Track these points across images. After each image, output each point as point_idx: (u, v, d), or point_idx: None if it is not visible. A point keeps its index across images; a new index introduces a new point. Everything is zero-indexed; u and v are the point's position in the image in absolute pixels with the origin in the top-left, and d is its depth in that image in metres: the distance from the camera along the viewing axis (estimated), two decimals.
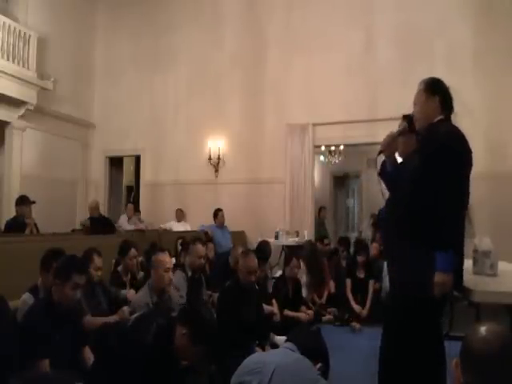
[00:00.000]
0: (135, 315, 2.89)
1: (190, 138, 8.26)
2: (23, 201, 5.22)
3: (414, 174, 2.16)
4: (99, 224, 6.17)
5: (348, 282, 5.28)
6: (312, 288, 5.39)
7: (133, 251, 3.98)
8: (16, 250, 3.71)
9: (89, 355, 2.55)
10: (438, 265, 1.99)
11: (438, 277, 1.99)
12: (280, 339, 3.51)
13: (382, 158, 2.45)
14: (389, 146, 2.37)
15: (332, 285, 5.57)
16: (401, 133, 2.38)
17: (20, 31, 7.06)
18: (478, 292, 2.09)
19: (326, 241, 6.46)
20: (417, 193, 2.11)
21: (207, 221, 7.08)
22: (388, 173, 2.40)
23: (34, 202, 5.34)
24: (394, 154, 2.38)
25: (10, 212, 6.03)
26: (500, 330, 1.12)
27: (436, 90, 2.26)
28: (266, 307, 3.88)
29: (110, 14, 9.11)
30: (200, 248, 4.03)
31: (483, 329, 1.12)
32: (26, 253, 3.53)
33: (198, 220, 7.46)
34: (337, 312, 5.15)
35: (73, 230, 6.70)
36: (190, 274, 3.99)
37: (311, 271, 5.43)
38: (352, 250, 6.22)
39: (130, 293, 3.68)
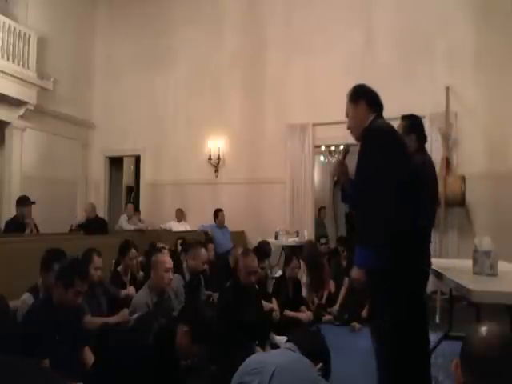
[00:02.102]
0: (135, 315, 2.90)
1: (190, 138, 8.26)
2: (22, 201, 5.22)
3: (361, 175, 2.23)
4: (93, 225, 6.29)
5: (346, 281, 5.27)
6: (312, 288, 5.38)
7: (133, 251, 3.98)
8: (16, 250, 3.71)
9: (89, 355, 2.55)
10: (355, 259, 2.10)
11: (354, 272, 2.11)
12: (280, 339, 3.51)
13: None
14: (340, 171, 2.45)
15: (332, 285, 5.57)
16: (344, 156, 2.48)
17: (20, 31, 7.06)
18: (477, 292, 2.09)
19: (322, 240, 6.45)
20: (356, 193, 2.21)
21: (207, 221, 7.08)
22: (349, 195, 2.44)
23: (33, 203, 5.34)
24: (347, 176, 2.43)
25: (10, 212, 6.02)
26: (500, 330, 1.12)
27: (359, 96, 2.34)
28: (265, 304, 3.88)
29: (109, 13, 9.11)
30: (204, 253, 4.08)
31: (483, 329, 1.12)
32: (26, 253, 3.53)
33: (197, 220, 7.46)
34: (337, 312, 5.15)
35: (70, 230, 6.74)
36: (188, 277, 3.98)
37: (311, 271, 5.42)
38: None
39: (130, 290, 3.69)
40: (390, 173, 2.04)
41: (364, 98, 2.32)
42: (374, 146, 2.15)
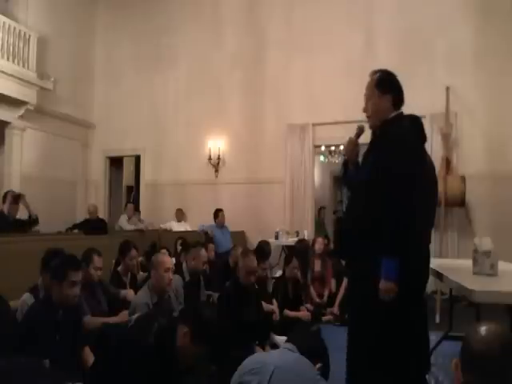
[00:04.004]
0: (135, 316, 2.89)
1: (190, 138, 8.26)
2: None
3: (369, 173, 2.14)
4: (92, 225, 6.42)
5: (345, 281, 5.25)
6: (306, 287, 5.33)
7: (133, 252, 3.97)
8: (16, 250, 3.71)
9: (89, 355, 2.55)
10: (382, 272, 1.98)
11: (382, 284, 1.99)
12: (280, 339, 3.51)
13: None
14: (351, 151, 2.37)
15: (334, 284, 5.54)
16: (358, 135, 2.39)
17: (20, 31, 7.06)
18: (478, 292, 2.08)
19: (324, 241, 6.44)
20: (372, 194, 2.09)
21: (207, 221, 7.09)
22: (351, 179, 2.38)
23: (18, 196, 5.41)
24: (357, 158, 2.37)
25: None
26: (500, 329, 1.12)
27: (388, 88, 2.22)
28: (265, 305, 3.88)
29: (110, 14, 9.11)
30: (204, 253, 4.10)
31: (483, 329, 1.11)
32: (26, 253, 3.53)
33: (197, 220, 7.46)
34: (337, 312, 5.13)
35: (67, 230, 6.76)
36: (187, 278, 3.99)
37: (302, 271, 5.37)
38: None
39: (129, 293, 3.68)
40: (418, 182, 2.01)
41: (392, 92, 2.22)
42: (400, 152, 2.05)
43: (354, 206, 2.29)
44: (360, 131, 2.38)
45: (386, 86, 2.23)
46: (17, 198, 5.29)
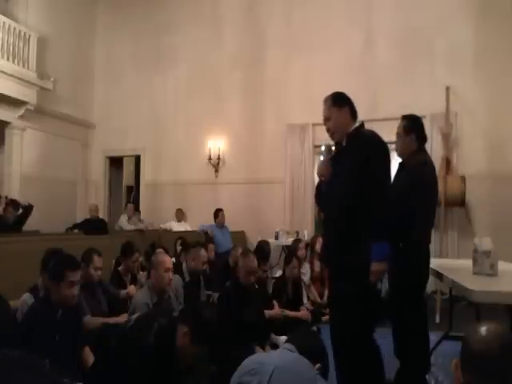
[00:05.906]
0: (135, 315, 2.89)
1: (190, 138, 8.26)
2: None
3: (349, 173, 2.31)
4: (93, 225, 6.48)
5: None
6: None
7: (136, 254, 3.98)
8: (16, 250, 3.71)
9: (89, 355, 2.55)
10: (373, 255, 2.16)
11: (374, 266, 2.16)
12: (281, 339, 3.51)
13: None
14: (325, 170, 2.54)
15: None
16: (329, 155, 2.60)
17: (20, 31, 7.06)
18: (478, 292, 2.09)
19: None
20: (351, 190, 2.28)
21: (207, 221, 7.08)
22: (323, 193, 2.55)
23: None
24: (330, 175, 2.53)
25: None
26: (500, 329, 1.12)
27: (343, 102, 2.44)
28: (267, 312, 3.85)
29: (110, 13, 9.11)
30: (204, 253, 4.10)
31: (483, 329, 1.11)
32: (26, 253, 3.54)
33: (197, 220, 7.46)
34: None
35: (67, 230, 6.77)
36: (187, 278, 3.99)
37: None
38: None
39: (130, 288, 3.68)
40: (388, 178, 2.28)
41: (348, 104, 2.42)
42: (374, 152, 2.26)
43: (330, 205, 2.46)
44: (328, 151, 2.61)
45: (341, 100, 2.46)
46: (9, 203, 5.30)
